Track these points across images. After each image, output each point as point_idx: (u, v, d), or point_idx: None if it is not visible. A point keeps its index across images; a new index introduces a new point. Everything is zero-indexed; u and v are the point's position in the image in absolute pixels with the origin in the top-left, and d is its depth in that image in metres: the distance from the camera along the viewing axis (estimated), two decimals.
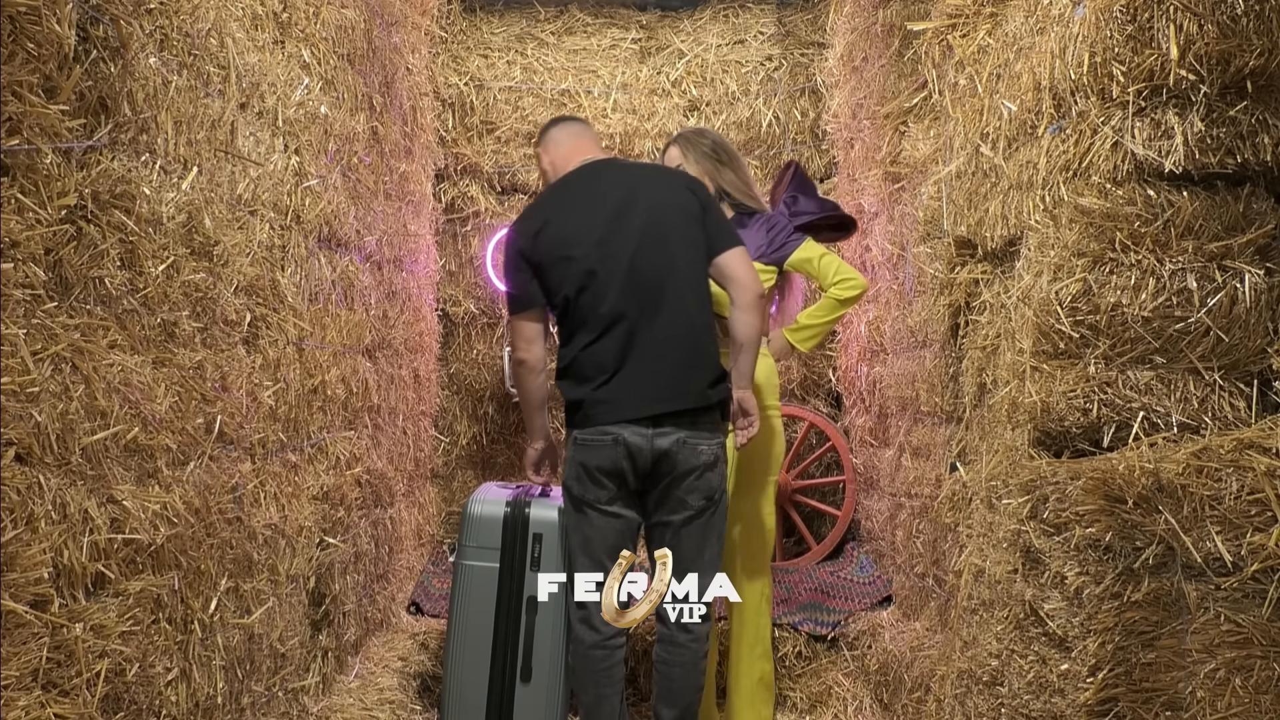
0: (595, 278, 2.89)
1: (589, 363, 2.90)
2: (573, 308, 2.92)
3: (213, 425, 2.37)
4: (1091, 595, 2.04)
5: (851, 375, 4.84)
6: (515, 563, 3.23)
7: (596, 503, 2.90)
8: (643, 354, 2.88)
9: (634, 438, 2.85)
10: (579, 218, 2.95)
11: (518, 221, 3.06)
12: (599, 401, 2.87)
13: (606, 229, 2.92)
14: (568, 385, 2.94)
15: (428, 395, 4.99)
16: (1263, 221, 2.15)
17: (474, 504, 3.29)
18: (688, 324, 2.91)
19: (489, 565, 3.23)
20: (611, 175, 3.05)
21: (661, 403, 2.87)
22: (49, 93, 1.73)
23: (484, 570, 3.23)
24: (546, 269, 2.93)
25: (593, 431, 2.87)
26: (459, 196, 5.39)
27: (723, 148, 3.44)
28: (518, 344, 3.01)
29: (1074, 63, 2.26)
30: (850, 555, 4.80)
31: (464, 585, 3.24)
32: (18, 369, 1.62)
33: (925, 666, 3.16)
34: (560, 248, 2.92)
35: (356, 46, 3.62)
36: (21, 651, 1.59)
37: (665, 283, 2.90)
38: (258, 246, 2.66)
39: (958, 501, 3.10)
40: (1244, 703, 1.93)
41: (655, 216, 2.95)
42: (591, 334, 2.90)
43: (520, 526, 3.23)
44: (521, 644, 3.20)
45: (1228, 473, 1.94)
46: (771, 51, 5.41)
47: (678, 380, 2.89)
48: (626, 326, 2.88)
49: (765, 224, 3.38)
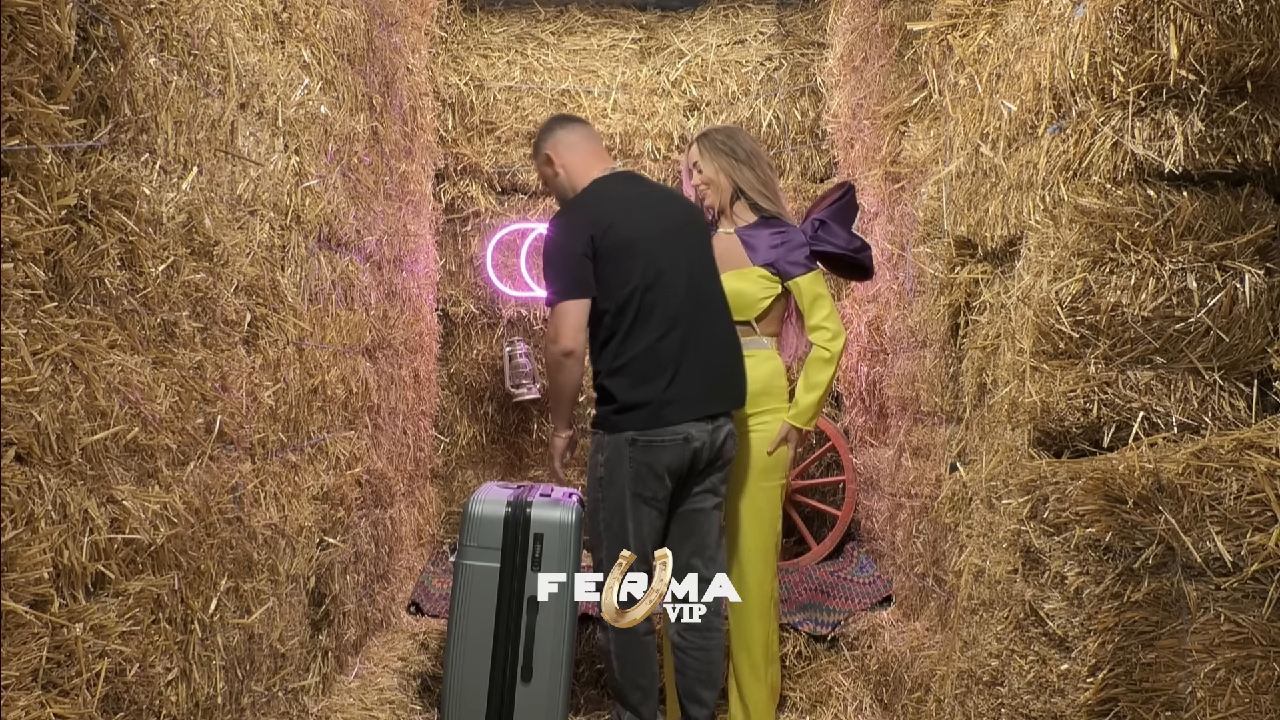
0: (664, 276, 3.05)
1: (652, 361, 3.01)
2: (639, 303, 3.02)
3: (213, 425, 2.37)
4: (1091, 595, 2.04)
5: (851, 375, 4.84)
6: (516, 563, 3.22)
7: (653, 498, 3.05)
8: (697, 353, 3.06)
9: (699, 434, 3.04)
10: (643, 219, 3.10)
11: (578, 213, 3.13)
12: (669, 401, 3.01)
13: (666, 234, 3.12)
14: (625, 384, 3.01)
15: (428, 395, 4.99)
16: (1263, 221, 2.15)
17: (474, 504, 3.28)
18: (730, 329, 3.21)
19: (489, 565, 3.22)
20: (650, 187, 3.31)
21: (720, 401, 3.11)
22: (49, 93, 1.73)
23: (484, 570, 3.22)
24: (614, 260, 3.02)
25: (663, 431, 3.02)
26: (459, 196, 5.39)
27: (741, 145, 3.42)
28: (566, 332, 3.03)
29: (1074, 63, 2.26)
30: (850, 555, 4.80)
31: (464, 585, 3.24)
32: (18, 369, 1.62)
33: (925, 666, 3.16)
34: (630, 242, 3.05)
35: (356, 46, 3.62)
36: (21, 651, 1.59)
37: (714, 292, 3.16)
38: (258, 246, 2.66)
39: (958, 501, 3.10)
40: (1244, 703, 1.93)
41: (695, 232, 3.21)
42: (657, 332, 3.03)
43: (521, 527, 3.23)
44: (522, 644, 3.20)
45: (1228, 473, 1.94)
46: (771, 51, 5.41)
47: (729, 379, 3.17)
48: (685, 327, 3.06)
49: (782, 236, 3.35)
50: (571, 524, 3.23)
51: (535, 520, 3.23)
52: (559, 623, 3.20)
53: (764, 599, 3.32)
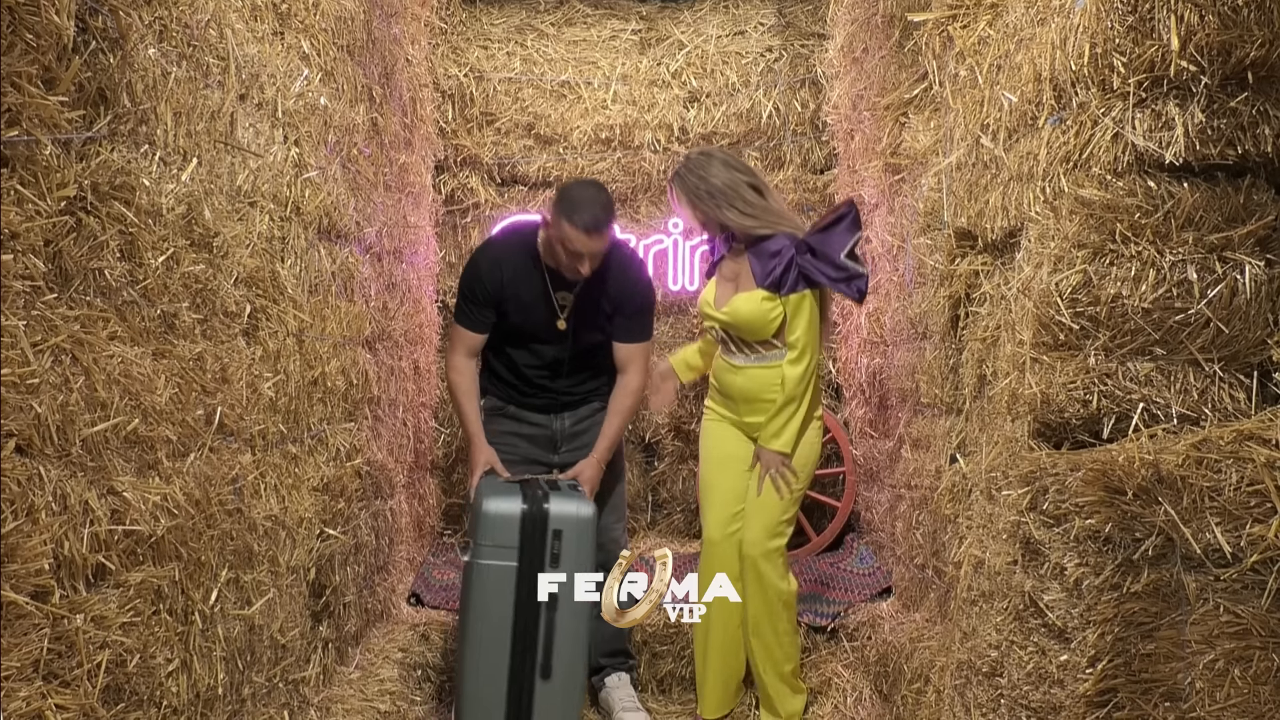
0: None
1: None
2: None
3: (213, 417, 2.37)
4: (1091, 586, 2.04)
5: (851, 367, 4.84)
6: (534, 561, 3.11)
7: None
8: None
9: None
10: None
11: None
12: None
13: None
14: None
15: (428, 387, 4.99)
16: (1263, 213, 2.15)
17: (488, 501, 3.16)
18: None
19: (506, 564, 3.11)
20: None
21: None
22: (48, 84, 1.73)
23: (501, 569, 3.11)
24: None
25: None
26: (459, 188, 5.39)
27: (714, 178, 3.36)
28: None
29: (1075, 54, 2.25)
30: (850, 547, 4.81)
31: (480, 584, 3.13)
32: (18, 360, 1.62)
33: (925, 657, 3.17)
34: None
35: (356, 38, 3.61)
36: (22, 642, 1.60)
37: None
38: (257, 238, 2.65)
39: (957, 493, 3.10)
40: (1243, 693, 1.93)
41: None
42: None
43: (539, 523, 3.12)
44: (541, 641, 3.12)
45: (1227, 464, 1.94)
46: (772, 43, 5.41)
47: None
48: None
49: (776, 257, 3.32)
50: (590, 519, 3.16)
51: (555, 517, 3.12)
52: (577, 618, 3.12)
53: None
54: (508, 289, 3.42)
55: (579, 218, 3.21)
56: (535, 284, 3.42)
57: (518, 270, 3.42)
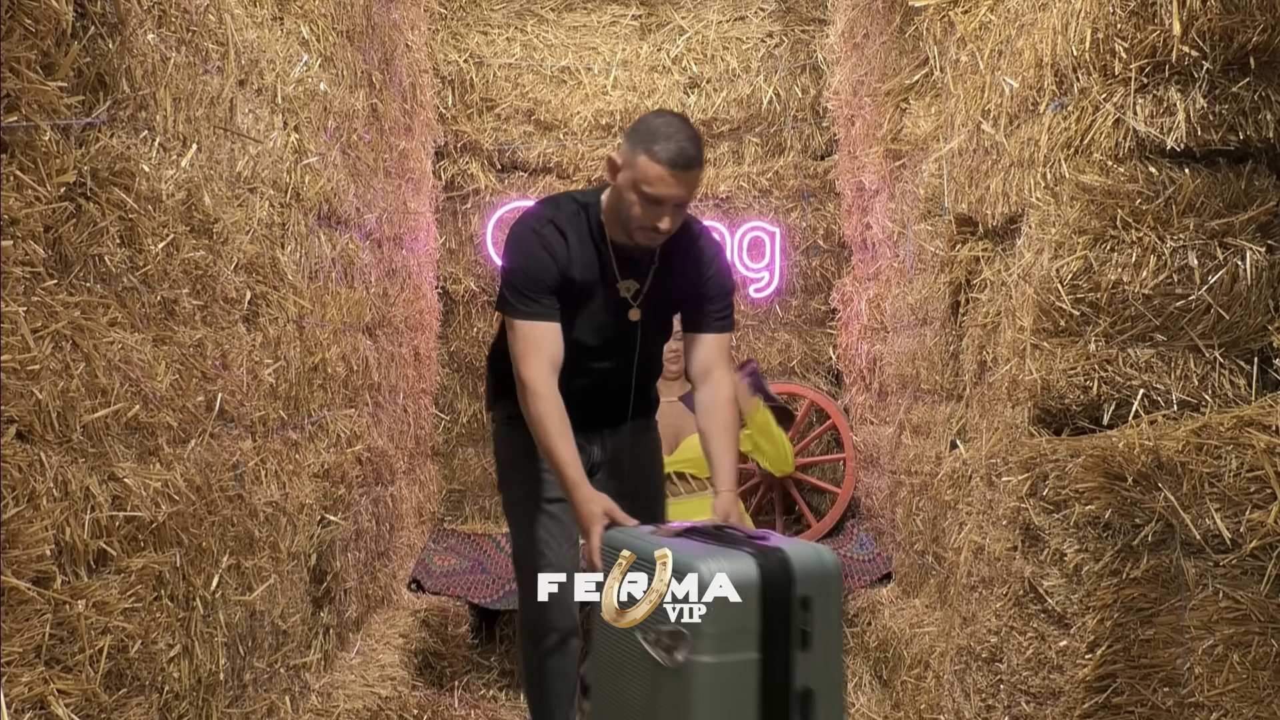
0: None
1: None
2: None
3: (213, 403, 2.37)
4: (1090, 572, 2.04)
5: (852, 353, 4.84)
6: (780, 645, 2.06)
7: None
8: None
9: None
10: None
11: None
12: None
13: None
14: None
15: (428, 373, 4.99)
16: (1264, 199, 2.14)
17: (701, 564, 2.03)
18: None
19: (744, 658, 2.03)
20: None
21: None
22: (47, 69, 1.72)
23: (736, 667, 2.03)
24: None
25: None
26: (459, 174, 5.38)
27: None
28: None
29: (1076, 39, 2.25)
30: (850, 532, 4.81)
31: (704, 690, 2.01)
32: (18, 347, 1.62)
33: (925, 643, 3.17)
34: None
35: (355, 23, 3.60)
36: (24, 628, 1.60)
37: None
38: (257, 224, 2.65)
39: (957, 479, 3.11)
40: (1241, 679, 1.94)
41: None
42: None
43: (783, 590, 2.06)
44: None
45: (1227, 450, 1.94)
46: (772, 28, 5.39)
47: None
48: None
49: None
50: (839, 571, 2.16)
51: (800, 578, 2.07)
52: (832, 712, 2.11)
53: None
54: (573, 270, 2.59)
55: (663, 149, 2.40)
56: (596, 266, 2.61)
57: (576, 248, 2.60)
